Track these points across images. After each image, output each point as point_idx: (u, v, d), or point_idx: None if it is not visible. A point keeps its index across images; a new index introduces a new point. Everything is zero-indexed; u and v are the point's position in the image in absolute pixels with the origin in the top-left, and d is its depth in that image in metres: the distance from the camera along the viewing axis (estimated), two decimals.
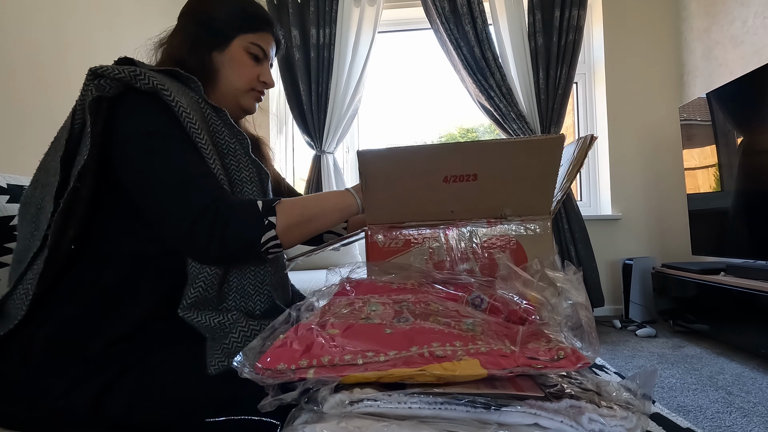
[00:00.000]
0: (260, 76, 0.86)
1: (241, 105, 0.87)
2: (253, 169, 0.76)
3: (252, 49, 0.84)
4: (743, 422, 1.32)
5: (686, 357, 1.98)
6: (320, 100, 2.79)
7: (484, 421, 0.38)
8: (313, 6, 2.78)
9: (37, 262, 0.67)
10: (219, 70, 0.82)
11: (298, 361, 0.43)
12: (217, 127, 0.74)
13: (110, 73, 0.66)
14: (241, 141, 0.76)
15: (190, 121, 0.68)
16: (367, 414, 0.39)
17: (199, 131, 0.69)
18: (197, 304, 0.68)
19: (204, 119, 0.72)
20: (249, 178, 0.75)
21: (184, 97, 0.70)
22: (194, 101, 0.72)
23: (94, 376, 0.63)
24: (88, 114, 0.66)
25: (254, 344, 0.49)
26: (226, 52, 0.83)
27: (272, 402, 0.42)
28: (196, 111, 0.71)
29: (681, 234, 2.70)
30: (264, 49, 0.86)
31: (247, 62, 0.84)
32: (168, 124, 0.68)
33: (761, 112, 1.96)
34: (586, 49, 2.99)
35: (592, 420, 0.38)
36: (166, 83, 0.68)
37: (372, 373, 0.41)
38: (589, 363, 0.40)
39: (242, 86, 0.85)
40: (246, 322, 0.68)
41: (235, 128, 0.76)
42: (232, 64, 0.83)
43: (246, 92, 0.86)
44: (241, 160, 0.75)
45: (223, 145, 0.74)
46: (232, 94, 0.85)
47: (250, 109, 0.89)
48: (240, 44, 0.83)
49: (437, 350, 0.43)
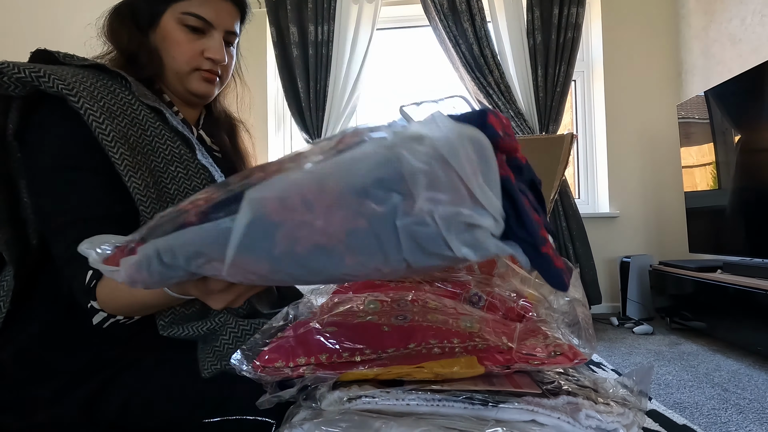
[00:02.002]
0: (205, 52, 0.72)
1: (189, 89, 0.74)
2: (205, 175, 0.67)
3: (187, 20, 0.71)
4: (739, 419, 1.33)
5: (683, 354, 1.99)
6: (318, 98, 2.78)
7: (482, 417, 0.38)
8: (312, 3, 2.78)
9: (6, 278, 0.63)
10: (159, 54, 0.71)
11: (296, 359, 0.43)
12: (155, 131, 0.64)
13: (10, 71, 0.58)
14: (189, 144, 0.67)
15: (102, 131, 0.59)
16: (365, 411, 0.39)
17: (112, 143, 0.59)
18: (177, 321, 0.64)
19: (136, 123, 0.63)
20: (201, 185, 0.66)
21: (105, 100, 0.61)
22: (124, 102, 0.63)
23: (83, 382, 0.61)
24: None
25: (252, 342, 0.49)
26: (158, 30, 0.71)
27: (270, 399, 0.43)
28: (120, 116, 0.62)
29: (678, 232, 2.71)
30: (205, 18, 0.71)
31: (182, 37, 0.71)
32: (74, 146, 0.61)
33: (759, 110, 1.97)
34: (585, 47, 2.99)
35: (589, 416, 0.38)
36: (77, 87, 0.59)
37: (370, 371, 0.41)
38: (585, 359, 0.40)
39: (181, 67, 0.72)
40: (235, 323, 0.65)
41: (179, 129, 0.67)
42: (165, 43, 0.71)
43: (188, 74, 0.73)
44: (189, 166, 0.66)
45: (165, 151, 0.64)
46: (176, 78, 0.73)
47: (199, 92, 0.75)
48: (171, 17, 0.71)
49: (435, 347, 0.43)
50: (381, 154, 0.24)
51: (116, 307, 0.58)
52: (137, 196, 0.61)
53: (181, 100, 0.78)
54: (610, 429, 0.38)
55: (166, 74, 0.73)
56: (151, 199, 0.62)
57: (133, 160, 0.61)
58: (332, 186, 0.26)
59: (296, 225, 0.27)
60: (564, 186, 2.70)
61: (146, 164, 0.63)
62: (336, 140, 0.29)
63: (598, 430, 0.38)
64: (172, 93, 0.76)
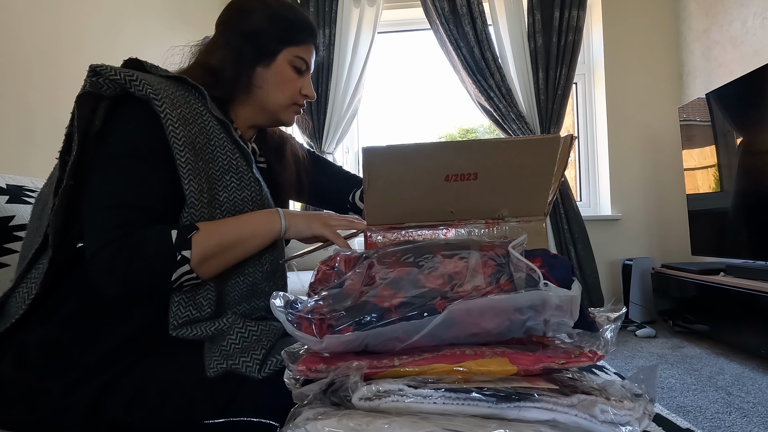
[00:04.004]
0: (302, 90, 0.83)
1: (280, 120, 0.85)
2: (255, 189, 0.73)
3: (296, 63, 0.81)
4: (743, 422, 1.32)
5: (686, 357, 1.98)
6: (320, 101, 2.79)
7: (504, 417, 0.39)
8: (313, 6, 2.79)
9: (42, 261, 0.67)
10: (262, 86, 0.80)
11: (336, 363, 0.46)
12: (219, 141, 0.71)
13: (107, 73, 0.65)
14: (246, 156, 0.73)
15: (175, 136, 0.65)
16: (394, 409, 0.40)
17: (182, 147, 0.66)
18: (189, 322, 0.67)
19: (203, 132, 0.69)
20: (251, 197, 0.72)
21: (181, 108, 0.67)
22: (196, 112, 0.70)
23: (93, 377, 0.62)
24: (76, 109, 0.65)
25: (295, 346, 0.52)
26: (272, 67, 0.80)
27: (302, 393, 0.45)
28: (192, 124, 0.68)
29: (680, 234, 2.70)
30: (307, 61, 0.82)
31: (291, 76, 0.81)
32: (145, 141, 0.66)
33: (760, 113, 1.97)
34: (586, 50, 2.99)
35: (604, 411, 0.40)
36: (162, 93, 0.66)
37: (412, 369, 0.43)
38: (603, 356, 0.44)
39: (285, 102, 0.82)
40: (243, 324, 0.68)
41: (240, 143, 0.73)
42: (277, 79, 0.80)
43: (288, 107, 0.83)
44: (243, 177, 0.72)
45: (224, 160, 0.71)
46: (273, 109, 0.82)
47: (288, 123, 0.86)
48: (285, 58, 0.80)
49: (467, 350, 0.46)
50: (538, 295, 0.45)
51: (209, 246, 0.65)
52: (190, 200, 0.67)
53: (251, 122, 0.84)
54: (623, 422, 0.39)
55: (258, 102, 0.81)
56: (203, 204, 0.68)
57: (195, 165, 0.67)
58: (503, 305, 0.46)
59: (468, 324, 0.46)
60: (565, 188, 2.70)
61: (205, 171, 0.69)
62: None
63: (612, 424, 0.39)
64: (236, 115, 0.82)
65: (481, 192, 0.66)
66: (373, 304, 0.48)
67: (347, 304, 0.48)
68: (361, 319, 0.46)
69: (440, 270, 0.51)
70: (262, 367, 0.64)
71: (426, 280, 0.50)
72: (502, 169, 0.64)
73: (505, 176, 0.65)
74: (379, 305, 0.47)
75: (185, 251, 0.63)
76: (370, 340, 0.46)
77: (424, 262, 0.52)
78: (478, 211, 0.68)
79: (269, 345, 0.66)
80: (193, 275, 0.65)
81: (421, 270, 0.51)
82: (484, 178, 0.64)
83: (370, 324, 0.46)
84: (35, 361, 0.63)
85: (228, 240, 0.67)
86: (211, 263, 0.66)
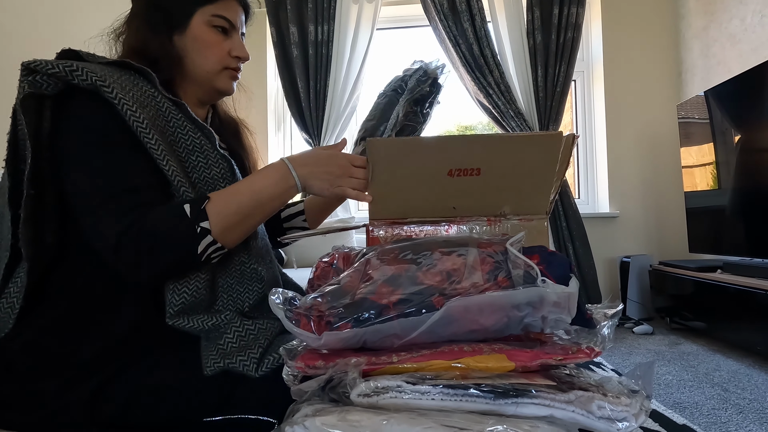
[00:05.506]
0: (231, 51, 0.77)
1: (216, 88, 0.79)
2: (224, 165, 0.70)
3: (216, 22, 0.75)
4: (739, 418, 1.33)
5: (683, 354, 1.99)
6: (318, 98, 2.78)
7: (502, 413, 0.40)
8: (312, 3, 2.77)
9: (19, 275, 0.64)
10: (185, 55, 0.74)
11: (335, 359, 0.45)
12: (178, 123, 0.68)
13: (43, 68, 0.60)
14: (208, 135, 0.70)
15: (136, 119, 0.62)
16: (392, 405, 0.40)
17: (147, 130, 0.63)
18: (186, 310, 0.65)
19: (160, 115, 0.66)
20: (221, 175, 0.70)
21: (132, 92, 0.64)
22: (148, 95, 0.66)
23: (87, 377, 0.62)
24: (21, 114, 0.61)
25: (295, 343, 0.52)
26: (188, 33, 0.74)
27: (300, 390, 0.45)
28: (148, 107, 0.65)
29: (678, 232, 2.71)
30: (230, 19, 0.76)
31: (214, 39, 0.75)
32: (107, 128, 0.63)
33: (759, 110, 1.97)
34: (585, 47, 2.99)
35: (601, 407, 0.40)
36: (108, 79, 0.62)
37: (410, 365, 0.43)
38: (600, 352, 0.44)
39: (213, 67, 0.76)
40: (240, 322, 0.67)
41: (199, 122, 0.70)
42: (197, 44, 0.75)
43: (219, 72, 0.77)
44: (209, 156, 0.69)
45: (187, 141, 0.68)
46: (204, 77, 0.77)
47: (227, 90, 0.80)
48: (201, 20, 0.74)
49: (465, 346, 0.47)
50: (536, 291, 0.46)
51: (227, 215, 0.63)
52: (177, 178, 0.65)
53: (196, 100, 0.80)
54: (620, 418, 0.40)
55: (190, 74, 0.76)
56: (189, 182, 0.66)
57: (166, 146, 0.65)
58: (501, 302, 0.46)
59: (466, 320, 0.47)
60: (564, 186, 2.70)
61: (173, 153, 0.66)
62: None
63: (609, 420, 0.40)
64: (184, 94, 0.78)
65: (483, 188, 0.66)
66: (371, 301, 0.48)
67: (346, 301, 0.48)
68: (359, 316, 0.46)
69: (438, 267, 0.51)
70: (259, 366, 0.63)
71: (424, 277, 0.50)
72: (505, 164, 0.64)
73: (507, 172, 0.65)
74: (378, 302, 0.47)
75: (203, 222, 0.62)
76: (368, 336, 0.46)
77: (423, 259, 0.52)
78: (480, 208, 0.68)
79: (266, 343, 0.66)
80: (218, 245, 0.64)
81: (420, 267, 0.51)
82: (486, 174, 0.65)
83: (368, 321, 0.46)
84: (24, 365, 0.62)
85: (246, 209, 0.66)
86: (234, 231, 0.65)
